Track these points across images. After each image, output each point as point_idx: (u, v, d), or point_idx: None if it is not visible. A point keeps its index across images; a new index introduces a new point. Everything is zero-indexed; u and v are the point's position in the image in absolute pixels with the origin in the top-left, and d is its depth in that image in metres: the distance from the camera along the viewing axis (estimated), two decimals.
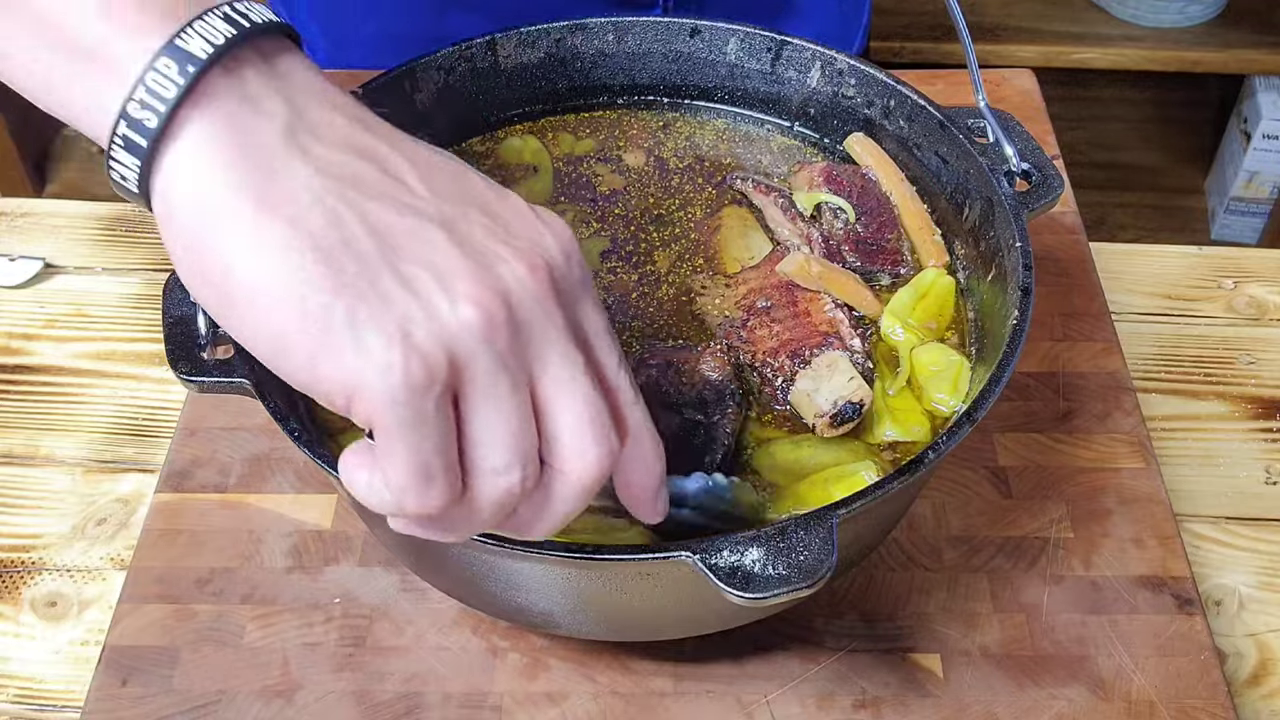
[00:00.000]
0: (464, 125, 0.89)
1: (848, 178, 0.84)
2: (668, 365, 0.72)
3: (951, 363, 0.74)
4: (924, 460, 0.61)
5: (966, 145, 0.77)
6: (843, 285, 0.78)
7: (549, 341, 0.45)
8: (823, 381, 0.72)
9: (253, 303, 0.42)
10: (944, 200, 0.81)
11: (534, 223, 0.47)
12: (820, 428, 0.70)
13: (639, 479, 0.51)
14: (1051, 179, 0.75)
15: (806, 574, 0.55)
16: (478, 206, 0.46)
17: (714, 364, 0.72)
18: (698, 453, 0.68)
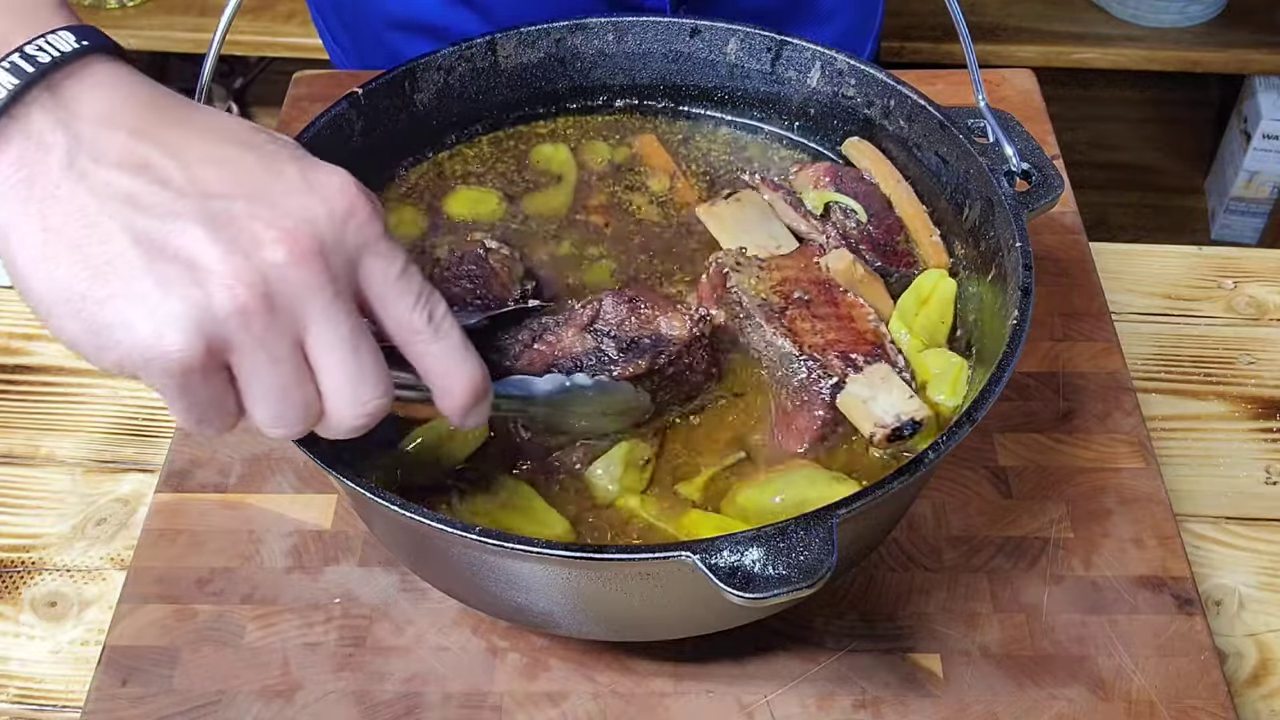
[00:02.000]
0: (465, 126, 0.89)
1: (851, 179, 0.84)
2: (633, 301, 0.73)
3: (951, 364, 0.75)
4: (924, 460, 0.61)
5: (966, 145, 0.77)
6: (873, 290, 0.78)
7: (312, 311, 0.51)
8: (880, 392, 0.71)
9: (49, 311, 0.51)
10: (944, 200, 0.81)
11: (303, 197, 0.52)
12: (878, 438, 0.70)
13: (447, 402, 0.58)
14: (1051, 179, 0.75)
15: (806, 574, 0.55)
16: (245, 194, 0.51)
17: (675, 323, 0.72)
18: (594, 373, 0.70)
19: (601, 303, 0.73)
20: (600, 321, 0.72)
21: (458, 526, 0.58)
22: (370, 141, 0.83)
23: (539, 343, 0.72)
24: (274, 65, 2.61)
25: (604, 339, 0.71)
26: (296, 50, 2.11)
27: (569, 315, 0.73)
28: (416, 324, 0.55)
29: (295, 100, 1.13)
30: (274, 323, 0.51)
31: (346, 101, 0.80)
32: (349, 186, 0.53)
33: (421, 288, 0.55)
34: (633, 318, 0.72)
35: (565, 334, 0.72)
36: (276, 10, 2.12)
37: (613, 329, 0.72)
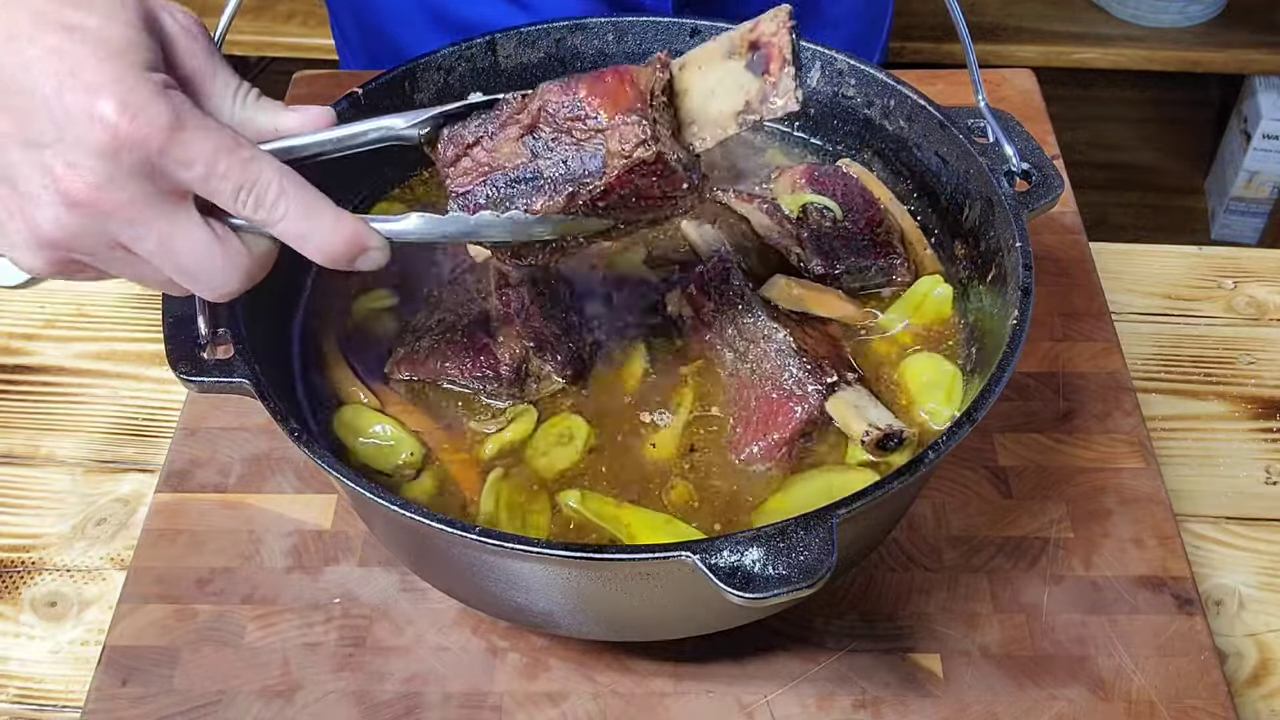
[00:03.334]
0: None
1: (829, 177, 0.84)
2: (582, 98, 0.65)
3: (945, 373, 0.75)
4: (924, 460, 0.61)
5: (966, 145, 0.77)
6: (825, 303, 0.79)
7: (113, 233, 0.56)
8: (869, 401, 0.72)
9: None
10: (944, 200, 0.81)
11: (67, 135, 0.54)
12: (869, 440, 0.70)
13: (315, 261, 0.61)
14: (1051, 179, 0.75)
15: (806, 574, 0.55)
16: (19, 143, 0.55)
17: (614, 145, 0.64)
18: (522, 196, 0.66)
19: (545, 99, 0.66)
20: (541, 126, 0.66)
21: (458, 526, 0.58)
22: None
23: (479, 148, 0.67)
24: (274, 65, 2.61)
25: (540, 153, 0.65)
26: (296, 50, 2.11)
27: (508, 114, 0.67)
28: (246, 213, 0.58)
29: (295, 100, 1.12)
30: (87, 246, 0.57)
31: (347, 101, 0.80)
32: (108, 114, 0.54)
33: (238, 183, 0.57)
34: (577, 124, 0.65)
35: (502, 141, 0.66)
36: (276, 10, 2.12)
37: (549, 140, 0.65)
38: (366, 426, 0.73)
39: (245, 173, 0.57)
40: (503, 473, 0.71)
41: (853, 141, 0.88)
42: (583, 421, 0.74)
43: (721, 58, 0.66)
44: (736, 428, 0.73)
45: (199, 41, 0.60)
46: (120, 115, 0.53)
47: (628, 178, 0.63)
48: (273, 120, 0.62)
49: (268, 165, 0.58)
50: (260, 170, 0.57)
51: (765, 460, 0.71)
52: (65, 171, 0.54)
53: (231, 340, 0.67)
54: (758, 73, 0.65)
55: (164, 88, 0.55)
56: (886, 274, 0.81)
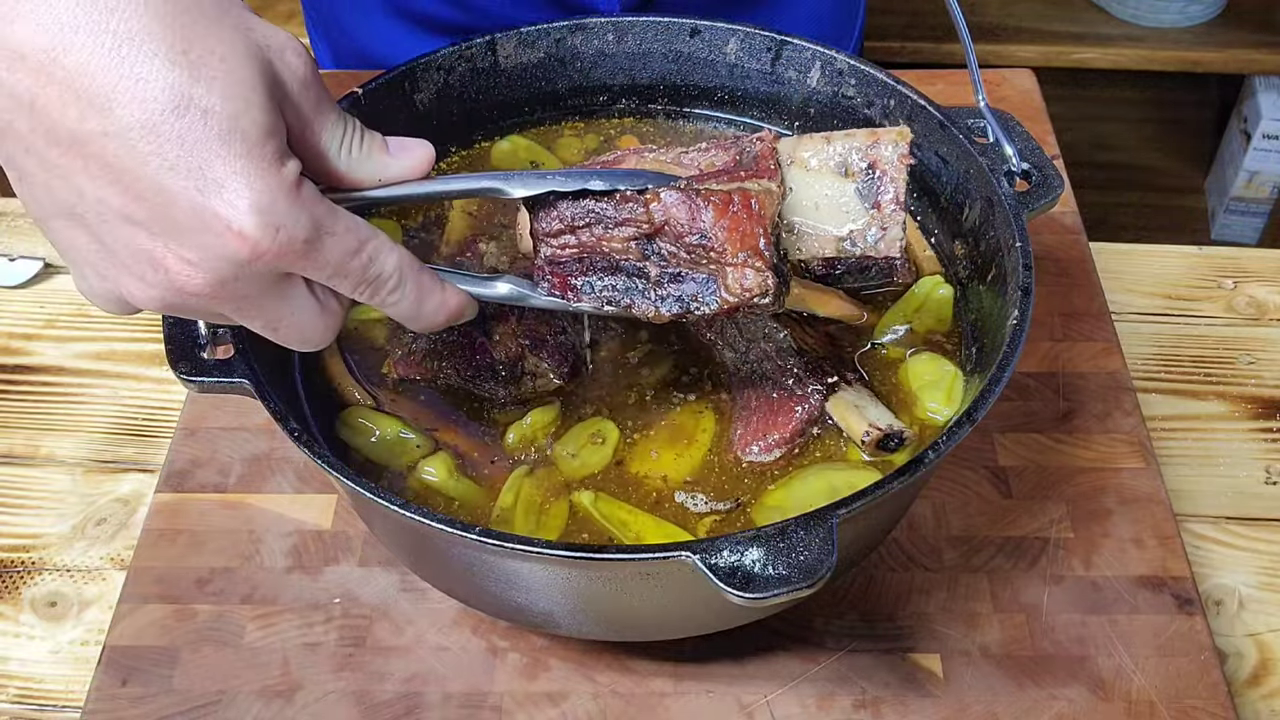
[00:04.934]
0: (464, 126, 0.89)
1: None
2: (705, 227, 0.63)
3: (945, 373, 0.75)
4: (924, 460, 0.61)
5: (966, 145, 0.77)
6: (826, 303, 0.79)
7: (221, 313, 0.56)
8: (869, 400, 0.72)
9: None
10: (944, 200, 0.81)
11: (202, 235, 0.52)
12: (869, 443, 0.70)
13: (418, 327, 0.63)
14: (1051, 179, 0.75)
15: (806, 574, 0.55)
16: (128, 221, 0.52)
17: (734, 285, 0.63)
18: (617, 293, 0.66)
19: (670, 213, 0.63)
20: (664, 235, 0.64)
21: (458, 526, 0.58)
22: None
23: (587, 231, 0.65)
24: None
25: (651, 258, 0.64)
26: None
27: (626, 213, 0.64)
28: (362, 300, 0.59)
29: None
30: (180, 312, 0.56)
31: (347, 101, 0.80)
32: (248, 229, 0.51)
33: (358, 281, 0.57)
34: (699, 250, 0.63)
35: (614, 234, 0.64)
36: (276, 10, 2.12)
37: (668, 252, 0.64)
38: (373, 426, 0.73)
39: (367, 272, 0.57)
40: (528, 470, 0.71)
41: None
42: (614, 425, 0.73)
43: (833, 170, 0.66)
44: (737, 426, 0.73)
45: (312, 90, 0.57)
46: (262, 231, 0.51)
47: (735, 309, 0.64)
48: (377, 171, 0.61)
49: (387, 259, 0.58)
50: (381, 268, 0.57)
51: (765, 459, 0.71)
52: (181, 267, 0.52)
53: (231, 340, 0.67)
54: (867, 204, 0.66)
55: (297, 188, 0.53)
56: (887, 274, 0.81)
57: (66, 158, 0.51)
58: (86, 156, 0.50)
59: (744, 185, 0.64)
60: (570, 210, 0.64)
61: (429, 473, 0.71)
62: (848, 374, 0.73)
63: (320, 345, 0.60)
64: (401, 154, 0.62)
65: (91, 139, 0.50)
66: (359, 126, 0.61)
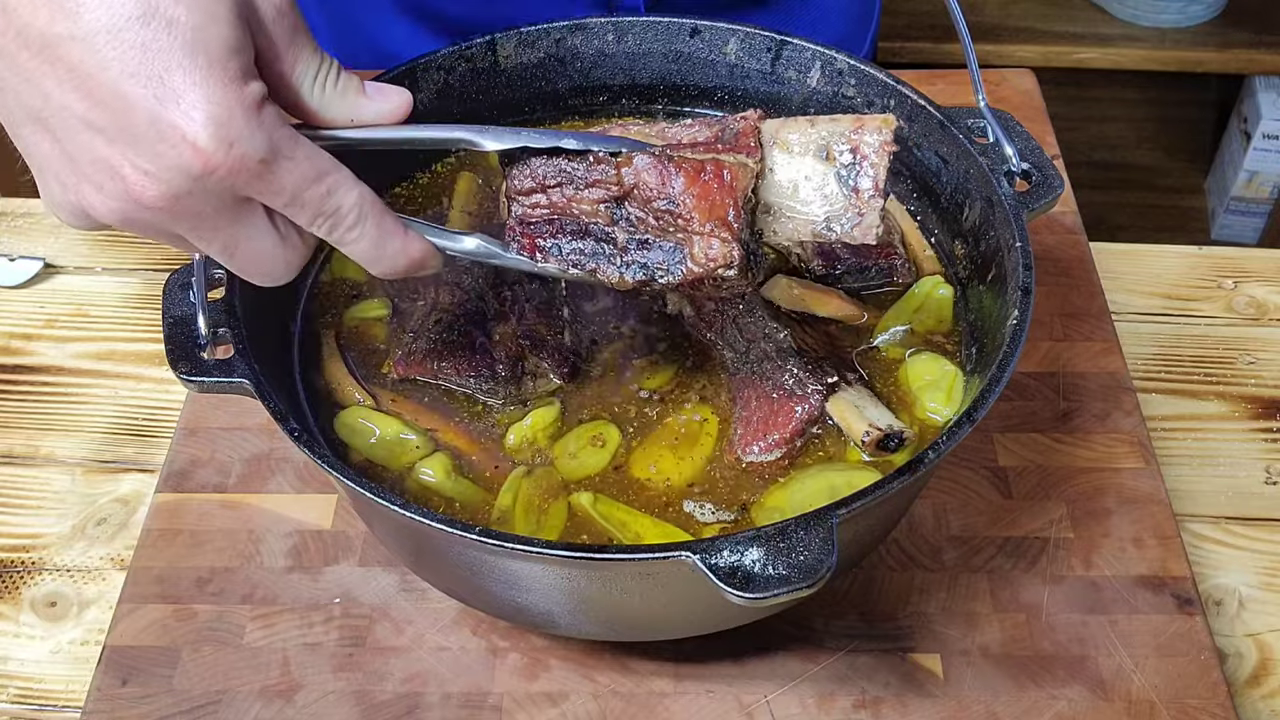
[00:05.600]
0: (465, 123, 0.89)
1: None
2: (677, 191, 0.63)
3: (945, 373, 0.75)
4: (924, 460, 0.61)
5: (966, 145, 0.77)
6: (826, 303, 0.79)
7: (178, 229, 0.55)
8: (869, 401, 0.72)
9: None
10: (944, 200, 0.81)
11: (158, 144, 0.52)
12: (869, 440, 0.70)
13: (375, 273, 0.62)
14: (1051, 179, 0.75)
15: (807, 574, 0.55)
16: (91, 128, 0.52)
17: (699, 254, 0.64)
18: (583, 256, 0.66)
19: (641, 177, 0.64)
20: (630, 202, 0.64)
21: (458, 526, 0.58)
22: None
23: (558, 190, 0.65)
24: None
25: (620, 223, 0.65)
26: None
27: (599, 175, 0.65)
28: (320, 234, 0.58)
29: None
30: (139, 231, 0.56)
31: None
32: (202, 141, 0.51)
33: (316, 212, 0.57)
34: (667, 216, 0.64)
35: (585, 195, 0.65)
36: None
37: (633, 216, 0.64)
38: (373, 426, 0.73)
39: (324, 204, 0.56)
40: (525, 471, 0.71)
41: None
42: (615, 427, 0.73)
43: (814, 154, 0.66)
44: (737, 426, 0.73)
45: (287, 19, 0.57)
46: (216, 145, 0.51)
47: (699, 282, 0.64)
48: (351, 110, 0.61)
49: (347, 194, 0.57)
50: (339, 201, 0.57)
51: (766, 459, 0.71)
52: (137, 177, 0.52)
53: (231, 340, 0.67)
54: (846, 189, 0.65)
55: (259, 107, 0.53)
56: (887, 274, 0.81)
57: (35, 61, 0.51)
58: (54, 60, 0.51)
59: (719, 156, 0.64)
60: (543, 168, 0.65)
61: (426, 473, 0.71)
62: (848, 374, 0.73)
63: (279, 280, 0.60)
64: (379, 97, 0.61)
65: (59, 42, 0.51)
66: (336, 65, 0.60)
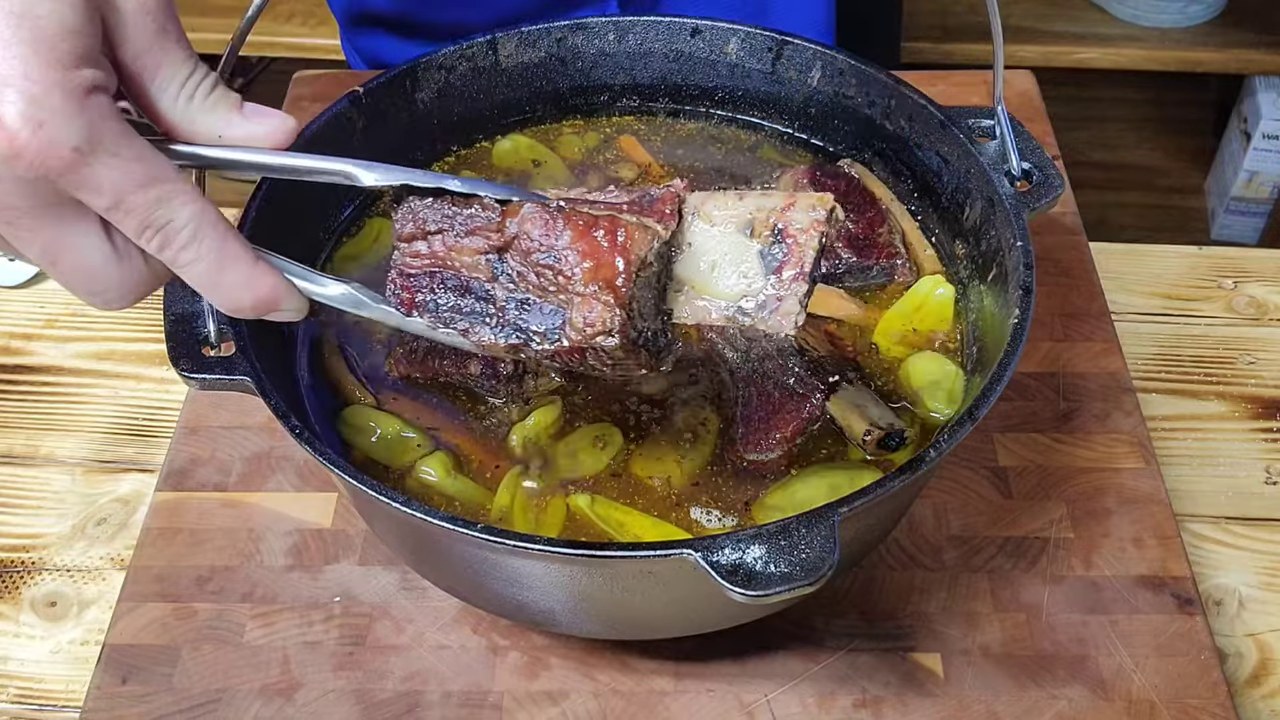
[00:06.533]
0: (466, 125, 0.89)
1: (831, 177, 0.84)
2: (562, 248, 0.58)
3: (946, 372, 0.75)
4: (925, 459, 0.61)
5: (967, 145, 0.77)
6: (826, 302, 0.79)
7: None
8: (869, 403, 0.72)
9: None
10: (944, 200, 0.81)
11: None
12: (870, 439, 0.71)
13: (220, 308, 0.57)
14: (1052, 179, 0.75)
15: (809, 571, 0.55)
16: None
17: (578, 320, 0.57)
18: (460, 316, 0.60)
19: (525, 227, 0.58)
20: (512, 254, 0.59)
21: (460, 524, 0.58)
22: (372, 139, 0.83)
23: (439, 239, 0.60)
24: (274, 65, 2.61)
25: (500, 279, 0.59)
26: (296, 50, 2.11)
27: (481, 223, 0.59)
28: (151, 251, 0.53)
29: (295, 100, 1.13)
30: None
31: (348, 99, 0.80)
32: (9, 117, 0.47)
33: (143, 222, 0.52)
34: (548, 272, 0.58)
35: (466, 246, 0.59)
36: (276, 10, 2.12)
37: (514, 273, 0.59)
38: (374, 425, 0.73)
39: (153, 214, 0.51)
40: (521, 469, 0.71)
41: (854, 141, 0.88)
42: (618, 430, 0.73)
43: (738, 229, 0.60)
44: (739, 426, 0.73)
45: (153, 19, 0.52)
46: (22, 123, 0.47)
47: (579, 353, 0.58)
48: (218, 126, 0.56)
49: (182, 207, 0.52)
50: (172, 214, 0.52)
51: (767, 458, 0.71)
52: None
53: (233, 337, 0.67)
54: (768, 269, 0.60)
55: (86, 94, 0.48)
56: (888, 274, 0.81)
57: None
58: None
59: (620, 215, 0.58)
60: (425, 212, 0.60)
61: (427, 472, 0.71)
62: (849, 373, 0.74)
63: (112, 303, 0.55)
64: (256, 118, 0.57)
65: None
66: (211, 77, 0.56)
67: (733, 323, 0.60)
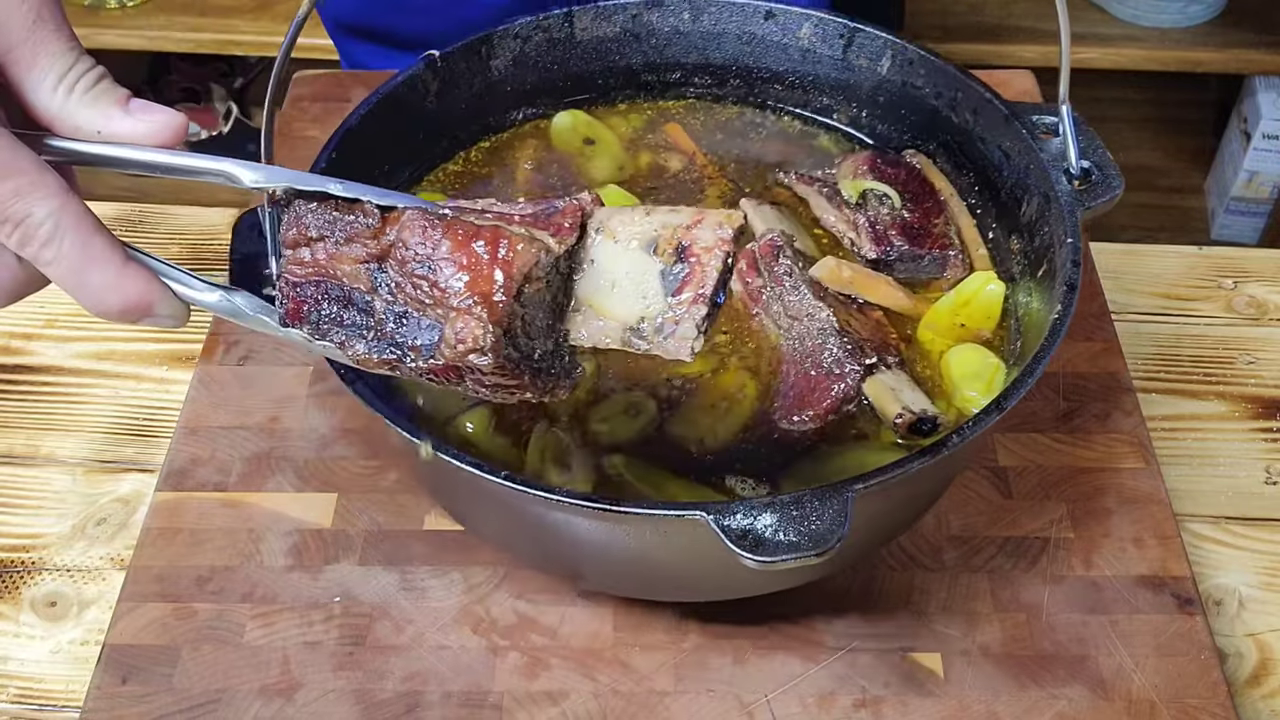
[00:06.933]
0: (537, 94, 0.91)
1: (892, 165, 0.85)
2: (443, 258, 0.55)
3: (988, 364, 0.75)
4: (946, 443, 0.61)
5: (1029, 141, 0.78)
6: (874, 288, 0.79)
7: None
8: (906, 385, 0.73)
9: None
10: (1003, 194, 0.82)
11: None
12: (902, 423, 0.71)
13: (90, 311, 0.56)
14: (1111, 179, 0.76)
15: (817, 542, 0.56)
16: None
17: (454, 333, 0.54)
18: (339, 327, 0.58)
19: (403, 235, 0.55)
20: (391, 263, 0.56)
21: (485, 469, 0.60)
22: (444, 103, 0.85)
23: (320, 246, 0.57)
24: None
25: (379, 290, 0.56)
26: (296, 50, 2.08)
27: (359, 230, 0.57)
28: (11, 246, 0.52)
29: (295, 100, 1.13)
30: None
31: (424, 63, 0.82)
32: None
33: (37, 228, 0.51)
34: (425, 282, 0.55)
35: (346, 254, 0.57)
36: (276, 10, 2.12)
37: (392, 283, 0.56)
38: None
39: (9, 208, 0.50)
40: (546, 426, 0.73)
41: (918, 131, 0.89)
42: (652, 400, 0.75)
43: (641, 246, 0.57)
44: (774, 398, 0.74)
45: (28, 7, 0.51)
46: None
47: (455, 372, 0.55)
48: (99, 122, 0.54)
49: (41, 202, 0.50)
50: (30, 208, 0.50)
51: (799, 432, 0.73)
52: None
53: None
54: (668, 290, 0.57)
55: None
56: (940, 266, 0.81)
57: None
58: None
59: (507, 227, 0.55)
60: (310, 217, 0.57)
61: (468, 425, 0.72)
62: (888, 358, 0.74)
63: None
64: (141, 114, 0.55)
65: None
66: (94, 71, 0.54)
67: (629, 346, 0.58)
